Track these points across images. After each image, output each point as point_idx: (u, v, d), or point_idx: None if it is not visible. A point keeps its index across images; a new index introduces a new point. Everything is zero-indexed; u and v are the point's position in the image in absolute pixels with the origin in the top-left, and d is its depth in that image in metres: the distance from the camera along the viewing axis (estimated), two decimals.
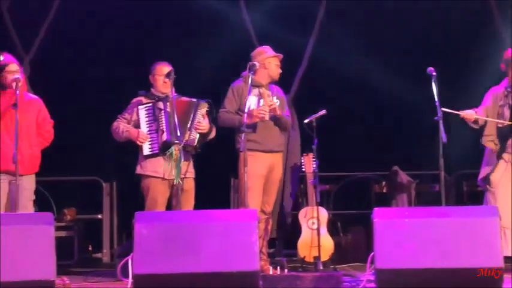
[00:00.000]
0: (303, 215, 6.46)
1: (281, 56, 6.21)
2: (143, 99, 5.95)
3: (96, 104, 8.02)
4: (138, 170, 5.90)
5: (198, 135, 5.87)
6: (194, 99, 5.91)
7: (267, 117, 6.00)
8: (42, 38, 7.87)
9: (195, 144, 5.86)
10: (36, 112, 5.80)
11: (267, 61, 6.15)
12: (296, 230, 6.53)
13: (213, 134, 6.03)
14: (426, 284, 4.67)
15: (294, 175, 7.34)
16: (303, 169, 6.56)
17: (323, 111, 6.25)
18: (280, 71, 6.22)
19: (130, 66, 7.81)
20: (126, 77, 7.71)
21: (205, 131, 5.92)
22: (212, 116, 5.98)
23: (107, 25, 8.13)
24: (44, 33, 7.89)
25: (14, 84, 5.47)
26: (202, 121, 5.89)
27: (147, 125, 5.84)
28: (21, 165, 5.37)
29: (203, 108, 5.90)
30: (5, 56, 5.68)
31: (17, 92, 5.43)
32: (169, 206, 5.92)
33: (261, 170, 6.00)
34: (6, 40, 7.65)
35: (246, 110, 5.76)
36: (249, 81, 5.82)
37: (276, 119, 6.09)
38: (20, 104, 5.44)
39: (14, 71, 5.60)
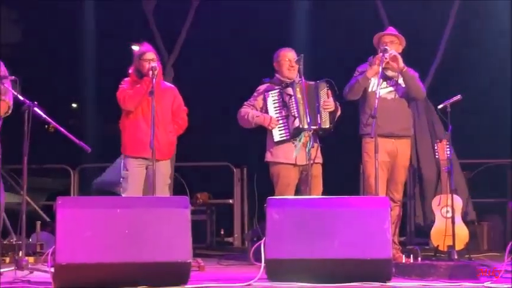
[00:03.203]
0: (436, 203, 6.30)
1: (390, 33, 6.03)
2: (270, 85, 5.98)
3: (227, 91, 8.19)
4: (269, 157, 5.91)
5: (327, 114, 5.84)
6: (312, 82, 5.88)
7: (387, 56, 5.79)
8: (184, 39, 8.09)
9: (328, 126, 5.83)
10: (172, 100, 5.95)
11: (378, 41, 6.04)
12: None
13: (339, 112, 5.96)
14: None
15: None
16: (437, 156, 6.40)
17: (458, 97, 6.05)
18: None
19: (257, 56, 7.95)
20: (252, 65, 7.85)
21: (332, 109, 5.86)
22: (335, 93, 5.91)
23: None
24: (185, 34, 8.11)
25: (150, 73, 5.62)
26: (327, 100, 5.84)
27: (276, 111, 5.86)
28: (157, 151, 5.50)
29: (323, 88, 5.85)
30: (143, 45, 5.87)
31: (154, 80, 5.59)
32: (296, 192, 5.93)
33: (380, 156, 5.76)
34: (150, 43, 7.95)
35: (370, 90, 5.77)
36: (381, 65, 5.74)
37: (404, 82, 5.93)
38: (157, 92, 5.57)
39: (151, 59, 5.75)
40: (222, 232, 8.35)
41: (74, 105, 10.82)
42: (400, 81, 5.97)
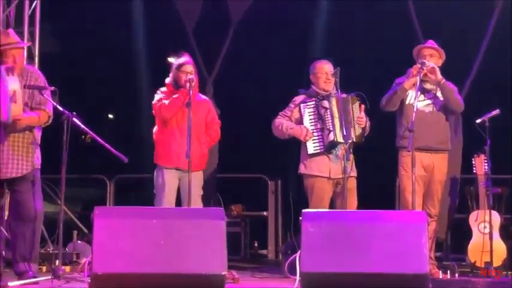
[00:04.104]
0: (473, 218, 6.22)
1: (430, 46, 5.99)
2: (305, 97, 5.96)
3: (261, 103, 8.22)
4: (302, 169, 5.90)
5: (360, 130, 5.81)
6: (344, 95, 5.85)
7: (426, 66, 5.76)
8: (223, 58, 8.16)
9: (360, 140, 5.80)
10: (206, 112, 5.97)
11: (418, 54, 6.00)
12: (465, 233, 6.32)
13: (368, 125, 5.92)
14: None
15: (453, 188, 6.93)
16: (474, 171, 6.31)
17: (496, 111, 5.98)
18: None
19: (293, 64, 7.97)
20: (287, 75, 7.85)
21: (364, 125, 5.84)
22: (366, 107, 5.88)
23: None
24: (224, 54, 8.20)
25: (187, 85, 5.66)
26: (360, 114, 5.81)
27: (311, 123, 5.84)
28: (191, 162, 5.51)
29: (356, 102, 5.82)
30: (183, 56, 5.90)
31: (191, 91, 5.62)
32: (330, 205, 5.89)
33: (417, 170, 5.66)
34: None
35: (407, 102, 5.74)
36: (418, 79, 5.70)
37: (442, 94, 5.87)
38: (192, 104, 5.60)
39: (189, 71, 5.79)
40: (256, 244, 8.33)
41: (111, 116, 10.92)
42: (438, 94, 5.92)
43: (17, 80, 5.09)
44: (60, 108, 5.24)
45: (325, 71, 5.92)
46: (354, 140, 5.75)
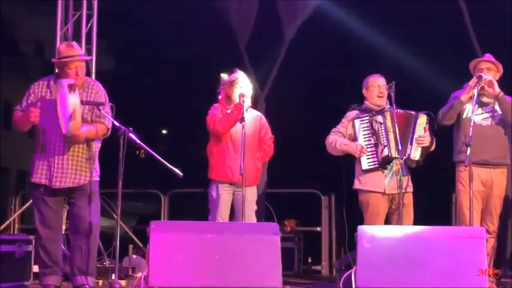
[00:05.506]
0: None
1: (487, 59, 5.89)
2: (358, 112, 5.93)
3: (316, 117, 8.22)
4: (357, 184, 5.85)
5: (419, 149, 5.74)
6: (412, 112, 5.79)
7: (484, 80, 5.65)
8: (275, 75, 8.21)
9: (418, 159, 5.73)
10: (259, 127, 5.98)
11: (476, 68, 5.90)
12: None
13: (433, 147, 5.85)
14: None
15: None
16: None
17: None
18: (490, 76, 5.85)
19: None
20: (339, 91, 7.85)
21: (426, 145, 5.77)
22: (433, 128, 5.81)
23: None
24: (277, 70, 8.24)
25: (241, 99, 5.70)
26: (423, 134, 5.75)
27: (365, 139, 5.80)
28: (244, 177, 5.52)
29: (422, 120, 5.76)
30: (235, 71, 5.94)
31: (244, 106, 5.65)
32: (386, 221, 5.82)
33: (475, 186, 5.58)
34: None
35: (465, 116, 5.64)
36: (475, 92, 5.61)
37: (500, 108, 5.76)
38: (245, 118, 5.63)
39: (242, 86, 5.83)
40: (310, 260, 8.30)
41: (164, 131, 11.06)
42: (497, 107, 5.82)
43: (77, 97, 5.15)
44: (117, 124, 5.31)
45: (377, 85, 5.87)
46: (411, 157, 5.68)
